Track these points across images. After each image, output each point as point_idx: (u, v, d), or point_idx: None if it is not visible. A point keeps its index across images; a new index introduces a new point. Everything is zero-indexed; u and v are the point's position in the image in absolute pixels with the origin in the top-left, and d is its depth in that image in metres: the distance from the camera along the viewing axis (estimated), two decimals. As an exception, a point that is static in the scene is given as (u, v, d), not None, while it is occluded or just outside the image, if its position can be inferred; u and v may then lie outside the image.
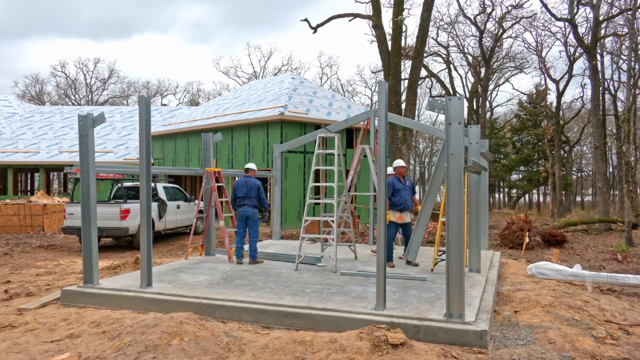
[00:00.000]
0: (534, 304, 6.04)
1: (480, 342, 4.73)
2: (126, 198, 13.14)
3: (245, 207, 8.52)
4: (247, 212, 8.53)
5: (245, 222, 8.63)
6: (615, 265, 10.32)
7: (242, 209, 8.55)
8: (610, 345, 4.94)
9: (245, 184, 8.61)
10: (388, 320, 4.98)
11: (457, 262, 5.08)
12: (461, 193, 5.13)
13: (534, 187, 44.30)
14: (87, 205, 6.61)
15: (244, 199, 8.54)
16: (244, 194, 8.55)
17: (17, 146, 28.22)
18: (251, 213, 8.55)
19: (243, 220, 8.62)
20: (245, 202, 8.52)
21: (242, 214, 8.56)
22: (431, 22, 24.63)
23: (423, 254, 9.79)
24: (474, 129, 7.65)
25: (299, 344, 4.48)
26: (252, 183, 8.64)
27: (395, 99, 15.76)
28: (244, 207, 8.53)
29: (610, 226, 18.26)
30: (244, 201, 8.54)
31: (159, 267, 8.12)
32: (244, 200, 8.54)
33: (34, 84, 56.61)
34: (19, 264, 10.80)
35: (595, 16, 22.66)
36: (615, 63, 29.28)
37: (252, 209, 8.54)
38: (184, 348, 4.49)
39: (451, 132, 5.14)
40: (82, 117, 6.57)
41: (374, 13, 18.05)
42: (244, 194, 8.54)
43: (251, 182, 8.64)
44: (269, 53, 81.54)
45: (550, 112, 33.50)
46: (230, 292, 6.15)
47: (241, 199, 8.56)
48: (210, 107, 26.94)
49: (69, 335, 5.12)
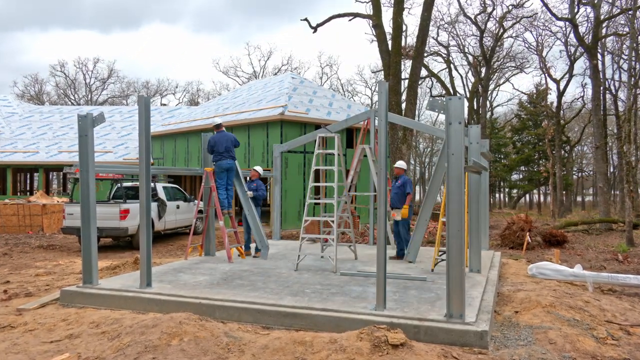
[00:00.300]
0: (535, 305, 6.03)
1: (480, 342, 4.73)
2: (125, 198, 13.12)
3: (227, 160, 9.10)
4: (230, 164, 9.10)
5: (226, 174, 9.18)
6: (616, 266, 10.32)
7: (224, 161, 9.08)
8: (611, 345, 4.93)
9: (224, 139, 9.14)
10: (388, 321, 4.98)
11: (458, 262, 5.07)
12: (461, 193, 5.13)
13: (535, 187, 44.25)
14: (86, 205, 6.60)
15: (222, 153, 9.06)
16: (223, 149, 9.05)
17: (16, 146, 28.14)
18: (233, 164, 9.18)
19: (224, 172, 9.15)
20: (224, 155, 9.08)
21: (223, 166, 9.08)
22: (431, 22, 24.66)
23: (423, 254, 9.79)
24: (475, 129, 7.64)
25: (298, 345, 4.48)
26: (228, 137, 9.22)
27: (396, 99, 15.73)
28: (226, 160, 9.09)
29: (611, 226, 18.25)
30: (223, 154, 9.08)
31: (159, 268, 8.11)
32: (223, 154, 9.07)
33: (33, 83, 56.45)
34: (18, 264, 10.79)
35: (596, 16, 22.63)
36: (616, 63, 29.28)
37: (233, 161, 9.17)
38: (184, 348, 4.48)
39: (451, 132, 5.13)
40: (81, 117, 6.56)
41: (374, 12, 18.04)
42: (224, 149, 9.05)
43: (227, 136, 9.22)
44: (269, 53, 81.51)
45: (550, 111, 33.49)
46: (230, 293, 6.14)
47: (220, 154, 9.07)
48: (209, 106, 26.92)
49: (68, 336, 5.11)
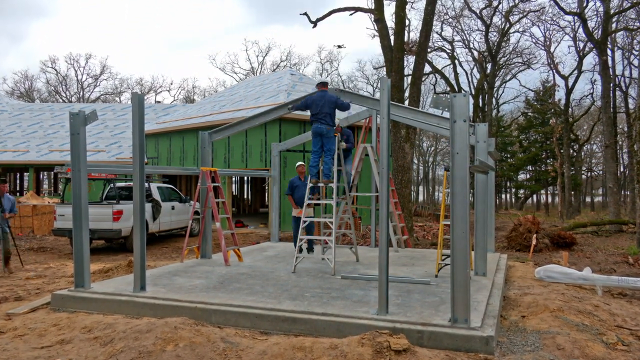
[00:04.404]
0: (542, 309, 5.95)
1: (486, 348, 4.65)
2: (119, 199, 13.05)
3: (319, 124, 8.26)
4: (321, 129, 8.26)
5: (320, 139, 8.35)
6: (627, 269, 10.24)
7: (314, 125, 8.30)
8: (621, 351, 4.84)
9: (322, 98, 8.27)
10: (391, 326, 4.92)
11: (463, 265, 4.98)
12: (466, 193, 5.04)
13: (542, 187, 43.87)
14: (78, 206, 6.52)
15: (317, 115, 8.27)
16: (317, 110, 8.26)
17: (5, 145, 27.79)
18: (325, 130, 8.25)
19: (318, 137, 8.36)
20: (317, 118, 8.27)
21: (314, 129, 8.32)
22: (435, 16, 24.45)
23: (427, 256, 9.66)
24: (482, 127, 7.55)
25: (298, 350, 4.41)
26: (326, 98, 8.27)
27: (398, 96, 15.52)
28: (316, 124, 8.28)
29: (621, 228, 18.05)
30: (318, 117, 8.27)
31: (153, 271, 8.04)
32: (318, 116, 8.27)
33: (23, 80, 55.69)
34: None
35: (606, 10, 22.32)
36: (626, 58, 29.02)
37: (326, 126, 8.26)
38: (179, 354, 4.42)
39: (456, 130, 5.03)
40: (73, 114, 6.48)
41: (376, 7, 17.82)
42: (318, 110, 8.25)
43: (325, 98, 8.28)
44: (267, 48, 79.91)
45: (558, 109, 33.21)
46: (227, 296, 6.05)
47: (315, 115, 8.30)
48: (206, 104, 26.65)
49: (59, 341, 5.05)
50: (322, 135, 8.29)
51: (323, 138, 8.32)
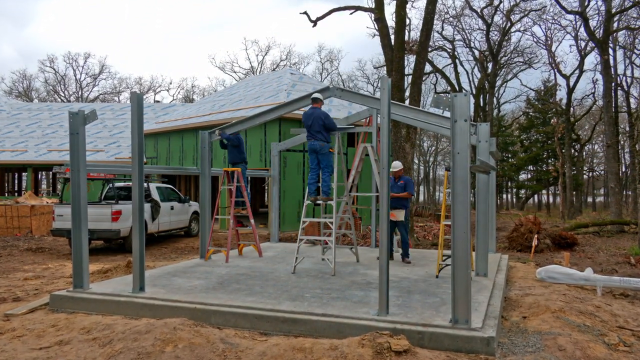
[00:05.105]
0: (544, 310, 5.93)
1: (487, 349, 4.65)
2: (118, 199, 12.99)
3: (313, 141, 8.22)
4: (314, 146, 8.21)
5: (315, 156, 8.30)
6: (628, 269, 10.17)
7: (309, 142, 8.27)
8: (623, 352, 4.83)
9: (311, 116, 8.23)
10: (391, 326, 4.90)
11: (463, 265, 4.96)
12: (467, 194, 5.02)
13: (544, 188, 43.84)
14: (77, 206, 6.50)
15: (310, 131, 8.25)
16: (309, 126, 8.23)
17: (3, 145, 27.69)
18: (319, 146, 8.18)
19: (313, 154, 8.31)
20: (310, 134, 8.25)
21: (311, 147, 8.28)
22: (436, 15, 24.35)
23: (428, 256, 9.62)
24: (484, 127, 7.50)
25: (298, 351, 4.40)
26: (316, 115, 8.21)
27: (399, 95, 15.48)
28: (310, 141, 8.25)
29: (623, 228, 18.00)
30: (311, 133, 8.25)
31: (152, 271, 8.02)
32: (311, 132, 8.24)
33: (21, 79, 55.42)
34: (5, 267, 10.65)
35: (607, 9, 22.27)
36: (628, 58, 28.93)
37: (319, 143, 8.18)
38: (178, 355, 4.41)
39: (457, 130, 5.01)
40: (73, 114, 6.45)
41: (376, 5, 17.78)
42: (310, 125, 8.22)
43: (315, 115, 8.22)
44: (267, 47, 79.55)
45: (560, 109, 33.14)
46: (227, 297, 6.02)
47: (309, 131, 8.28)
48: (205, 103, 26.56)
49: (58, 342, 5.03)
50: (317, 152, 8.24)
51: (318, 155, 8.25)
